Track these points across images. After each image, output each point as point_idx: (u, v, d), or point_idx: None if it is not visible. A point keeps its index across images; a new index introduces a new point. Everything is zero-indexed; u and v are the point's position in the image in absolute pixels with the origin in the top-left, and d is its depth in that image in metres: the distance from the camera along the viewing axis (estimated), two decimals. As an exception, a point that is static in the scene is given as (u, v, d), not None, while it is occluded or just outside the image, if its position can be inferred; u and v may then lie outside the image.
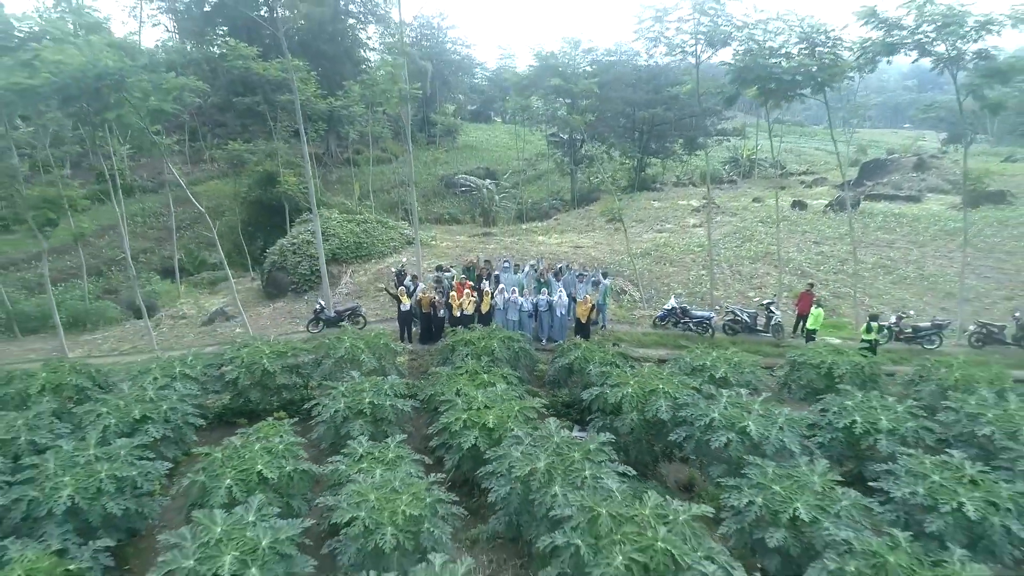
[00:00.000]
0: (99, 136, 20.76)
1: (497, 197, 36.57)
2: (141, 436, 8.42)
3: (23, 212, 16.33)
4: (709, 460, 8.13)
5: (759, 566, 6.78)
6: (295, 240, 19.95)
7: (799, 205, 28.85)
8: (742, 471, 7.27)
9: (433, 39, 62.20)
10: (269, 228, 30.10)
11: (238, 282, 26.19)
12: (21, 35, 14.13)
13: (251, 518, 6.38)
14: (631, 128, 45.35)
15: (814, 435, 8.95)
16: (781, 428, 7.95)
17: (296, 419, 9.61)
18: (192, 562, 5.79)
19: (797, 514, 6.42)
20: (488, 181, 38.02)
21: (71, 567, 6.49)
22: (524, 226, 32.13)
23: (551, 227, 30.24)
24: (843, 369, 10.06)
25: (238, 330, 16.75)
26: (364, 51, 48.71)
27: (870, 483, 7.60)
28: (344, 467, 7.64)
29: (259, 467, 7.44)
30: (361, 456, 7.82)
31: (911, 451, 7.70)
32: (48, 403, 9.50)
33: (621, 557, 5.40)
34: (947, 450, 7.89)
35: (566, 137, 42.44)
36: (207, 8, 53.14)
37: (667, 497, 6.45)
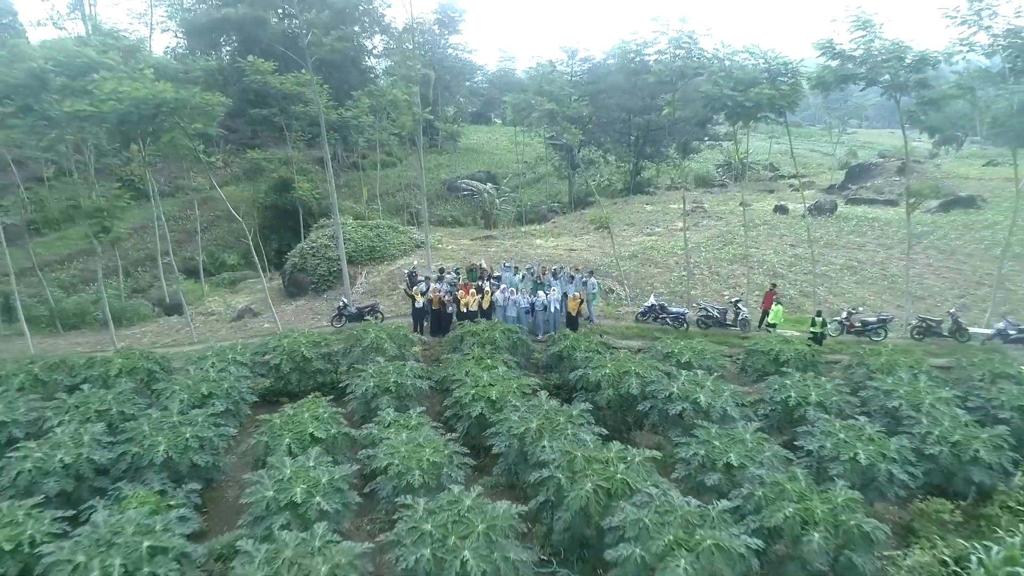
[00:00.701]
0: (135, 150, 22.74)
1: (498, 201, 38.55)
2: (209, 408, 10.41)
3: (79, 219, 18.29)
4: (668, 425, 10.13)
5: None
6: (314, 244, 21.96)
7: (781, 210, 30.82)
8: (692, 432, 9.27)
9: (434, 44, 64.02)
10: (283, 231, 32.04)
11: (257, 282, 28.20)
12: (78, 65, 16.08)
13: (311, 463, 8.39)
14: (626, 133, 47.29)
15: (759, 408, 10.97)
16: (726, 399, 9.96)
17: (331, 397, 11.63)
18: (271, 492, 7.80)
19: (730, 461, 8.42)
20: (489, 185, 39.97)
21: (171, 502, 8.51)
22: (524, 229, 34.13)
23: (548, 230, 32.26)
24: (788, 356, 12.08)
25: (266, 325, 18.76)
26: (369, 58, 50.66)
27: (794, 443, 9.61)
28: (376, 431, 9.64)
29: (310, 429, 9.46)
30: (389, 423, 9.82)
31: (828, 417, 9.72)
32: (126, 383, 11.52)
33: (590, 485, 7.41)
34: (858, 417, 9.91)
35: (563, 142, 44.41)
36: (216, 16, 55.07)
37: (628, 447, 8.45)
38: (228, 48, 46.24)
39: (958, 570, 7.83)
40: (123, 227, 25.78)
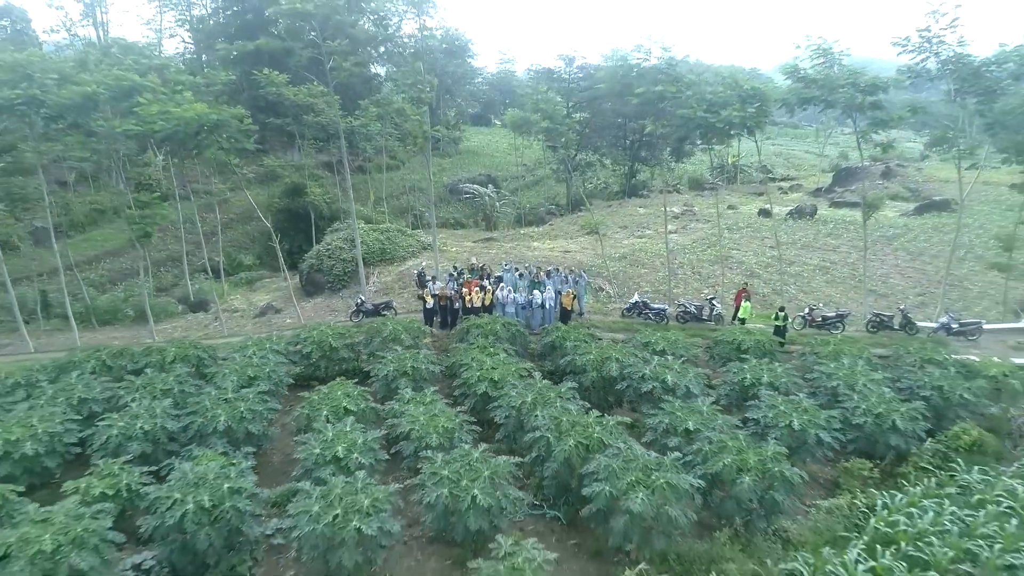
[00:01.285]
0: (151, 156, 24.66)
1: (498, 204, 40.50)
2: (256, 387, 12.39)
3: (127, 226, 20.20)
4: (641, 401, 12.12)
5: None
6: (329, 246, 23.94)
7: (764, 213, 32.77)
8: (660, 406, 11.25)
9: (436, 51, 65.85)
10: (295, 233, 33.97)
11: (273, 281, 30.20)
12: (124, 87, 18.03)
13: (348, 429, 10.37)
14: (622, 137, 49.25)
15: (721, 388, 12.97)
16: (689, 379, 11.96)
17: (355, 380, 13.59)
18: (319, 449, 9.78)
19: (688, 427, 10.41)
20: (490, 188, 41.90)
21: (233, 461, 10.48)
22: (523, 231, 36.11)
23: (546, 232, 34.23)
24: (748, 345, 14.07)
25: (288, 320, 20.75)
26: (375, 66, 52.62)
27: (746, 416, 11.60)
28: (398, 406, 11.62)
29: (344, 403, 11.45)
30: (408, 400, 11.79)
31: (773, 393, 11.70)
32: (181, 367, 13.50)
33: (572, 441, 9.40)
34: (800, 395, 11.89)
35: (561, 147, 46.41)
36: (223, 20, 57.05)
37: (604, 414, 10.45)
38: (238, 56, 47.89)
39: (866, 511, 9.82)
40: (151, 228, 27.83)
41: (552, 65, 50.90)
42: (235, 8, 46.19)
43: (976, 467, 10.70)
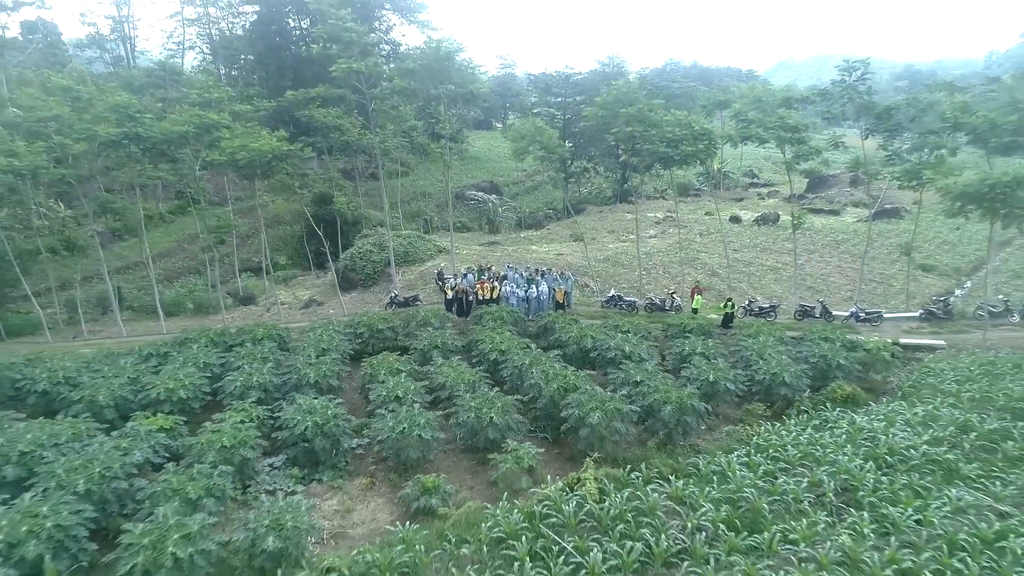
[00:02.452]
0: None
1: (500, 209, 45.36)
2: (330, 355, 17.26)
3: (207, 235, 24.94)
4: (607, 364, 17.00)
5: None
6: (360, 250, 28.85)
7: (735, 219, 37.65)
8: (620, 366, 16.13)
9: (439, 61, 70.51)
10: (322, 237, 38.81)
11: (306, 278, 35.04)
12: (207, 124, 22.86)
13: (403, 380, 15.28)
14: (614, 145, 54.07)
15: (667, 356, 17.88)
16: (643, 349, 16.86)
17: (397, 353, 18.46)
18: (385, 392, 14.68)
19: (636, 380, 15.28)
20: (493, 196, 46.74)
21: (327, 407, 15.33)
22: (523, 235, 40.99)
23: (543, 236, 39.09)
24: (691, 327, 18.97)
25: (331, 311, 25.60)
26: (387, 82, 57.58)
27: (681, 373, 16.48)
28: (434, 368, 16.52)
29: (396, 365, 16.35)
30: (440, 364, 16.68)
31: (701, 359, 16.60)
32: (268, 343, 18.39)
33: (555, 385, 14.32)
34: (718, 360, 16.77)
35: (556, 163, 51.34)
36: (240, 32, 61.80)
37: (578, 370, 15.36)
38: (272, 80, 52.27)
39: (756, 435, 14.68)
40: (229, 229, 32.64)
41: (552, 70, 55.88)
42: (260, 29, 50.76)
43: (837, 410, 15.61)
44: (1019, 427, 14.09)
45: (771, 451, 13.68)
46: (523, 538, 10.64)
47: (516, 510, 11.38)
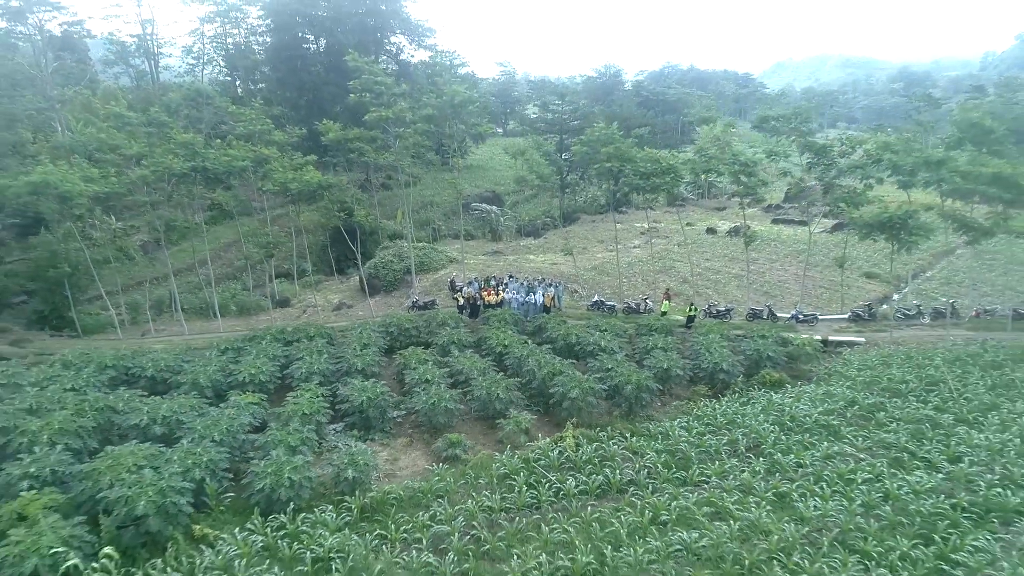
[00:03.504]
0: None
1: (502, 219, 50.26)
2: (370, 349, 22.19)
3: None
4: (587, 356, 21.92)
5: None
6: (383, 260, 33.79)
7: (711, 231, 42.54)
8: (596, 357, 21.07)
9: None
10: (342, 245, 43.64)
11: (331, 283, 39.91)
12: (260, 158, 27.73)
13: (429, 367, 20.24)
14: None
15: (635, 350, 22.81)
16: (614, 344, 21.81)
17: (421, 347, 23.37)
18: (417, 376, 19.63)
19: (608, 367, 20.21)
20: (495, 208, 51.61)
21: (375, 387, 20.25)
22: (522, 243, 45.90)
23: (540, 245, 43.98)
24: (655, 326, 23.89)
25: (360, 313, 30.48)
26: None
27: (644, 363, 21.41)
28: (453, 359, 21.46)
29: (423, 357, 21.32)
30: (457, 356, 21.62)
31: (659, 351, 21.53)
32: (320, 339, 23.32)
33: (547, 370, 19.32)
34: (673, 353, 21.70)
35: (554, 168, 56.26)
36: (256, 46, 66.57)
37: (564, 361, 20.31)
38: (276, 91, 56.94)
39: (696, 409, 19.57)
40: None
41: (553, 75, 60.48)
42: (280, 54, 55.51)
43: (763, 390, 20.54)
44: (892, 402, 19.07)
45: (705, 419, 18.64)
46: (521, 474, 15.62)
47: (516, 456, 16.38)
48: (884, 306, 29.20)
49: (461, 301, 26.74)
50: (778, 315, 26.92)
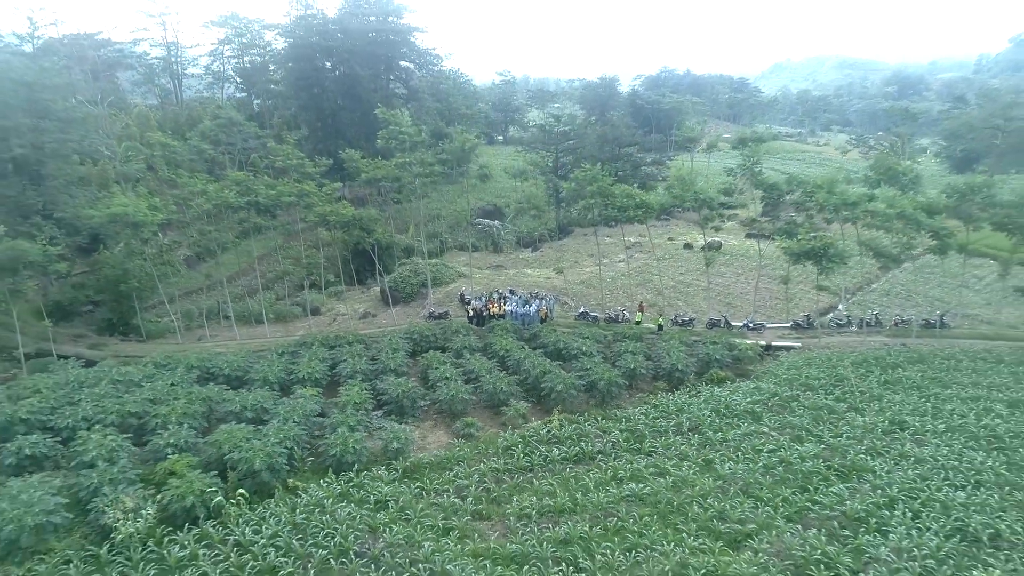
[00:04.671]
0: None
1: (503, 232, 56.02)
2: (400, 352, 28.05)
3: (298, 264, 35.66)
4: (572, 358, 27.74)
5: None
6: (401, 274, 39.62)
7: (687, 247, 48.36)
8: (578, 359, 26.93)
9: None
10: (361, 258, 49.45)
11: (352, 293, 45.69)
12: (300, 192, 33.50)
13: (448, 367, 26.12)
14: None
15: (610, 355, 28.69)
16: (593, 349, 27.69)
17: (439, 351, 29.20)
18: (438, 374, 25.52)
19: (587, 367, 26.08)
20: (496, 222, 57.36)
21: (407, 382, 26.10)
22: (522, 256, 51.70)
23: (538, 258, 49.82)
24: (628, 335, 29.74)
25: (383, 321, 36.28)
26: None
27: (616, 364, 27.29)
28: (466, 361, 27.32)
29: (442, 359, 27.20)
30: (469, 358, 27.49)
31: (630, 354, 27.39)
32: (358, 344, 29.17)
33: (539, 370, 25.24)
34: (639, 355, 27.58)
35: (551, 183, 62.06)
36: (273, 66, 72.08)
37: (553, 363, 26.20)
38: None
39: (654, 400, 25.42)
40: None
41: (552, 76, 66.36)
42: (300, 82, 61.09)
43: (711, 386, 26.35)
44: (805, 394, 24.94)
45: (660, 407, 24.49)
46: (519, 446, 21.51)
47: (515, 434, 22.28)
48: (828, 315, 35.02)
49: (471, 313, 32.59)
50: (733, 324, 32.73)
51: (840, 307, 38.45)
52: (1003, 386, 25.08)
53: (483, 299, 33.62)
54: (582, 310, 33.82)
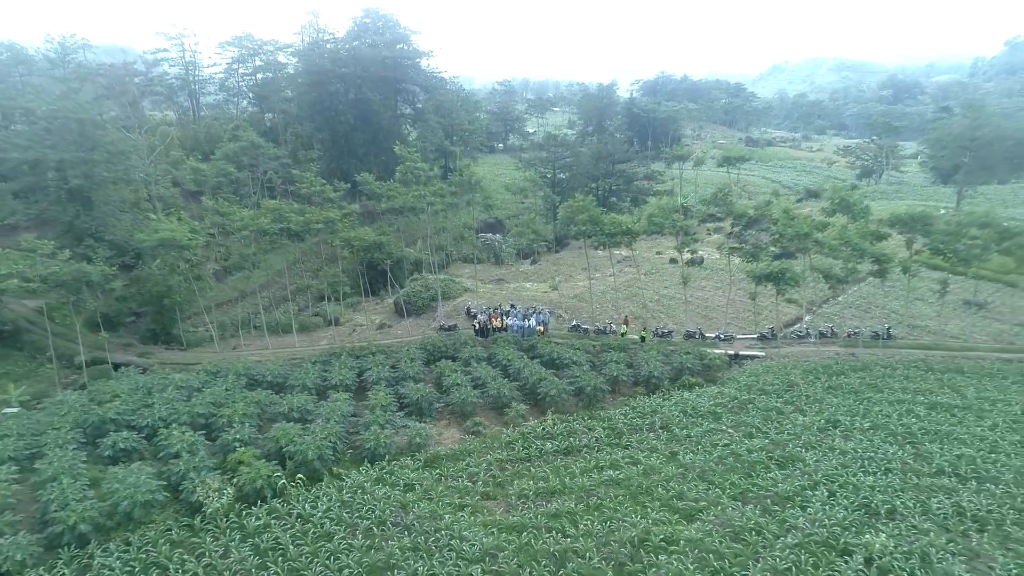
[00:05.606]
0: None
1: (504, 246, 60.82)
2: (416, 362, 32.87)
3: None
4: (564, 366, 32.55)
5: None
6: (413, 289, 44.43)
7: (673, 261, 53.12)
8: (568, 367, 31.78)
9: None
10: (373, 271, 54.24)
11: (367, 304, 50.42)
12: (330, 220, 38.29)
13: (458, 375, 30.97)
14: (594, 189, 69.61)
15: (598, 363, 33.56)
16: (582, 358, 32.55)
17: (449, 360, 34.03)
18: (451, 380, 30.35)
19: (577, 374, 30.91)
20: (498, 236, 62.17)
21: (424, 388, 30.93)
22: (521, 268, 56.50)
23: (536, 271, 54.62)
24: (615, 344, 34.58)
25: (398, 332, 41.05)
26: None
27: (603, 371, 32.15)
28: (473, 369, 32.16)
29: (453, 367, 32.07)
30: (476, 366, 32.33)
31: (613, 361, 32.25)
32: (380, 354, 34.01)
33: (536, 377, 30.11)
34: (621, 364, 32.44)
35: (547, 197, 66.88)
36: (284, 83, 76.72)
37: (547, 370, 31.07)
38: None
39: (633, 403, 30.25)
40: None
41: (552, 79, 71.10)
42: (315, 107, 65.80)
43: (682, 390, 31.17)
44: (760, 398, 29.75)
45: (638, 409, 29.30)
46: (519, 441, 26.37)
47: (516, 431, 27.12)
48: (792, 327, 39.82)
49: (477, 326, 37.39)
50: (707, 335, 37.53)
51: (807, 318, 43.24)
52: (927, 391, 29.91)
53: (487, 313, 38.41)
54: (574, 323, 38.64)
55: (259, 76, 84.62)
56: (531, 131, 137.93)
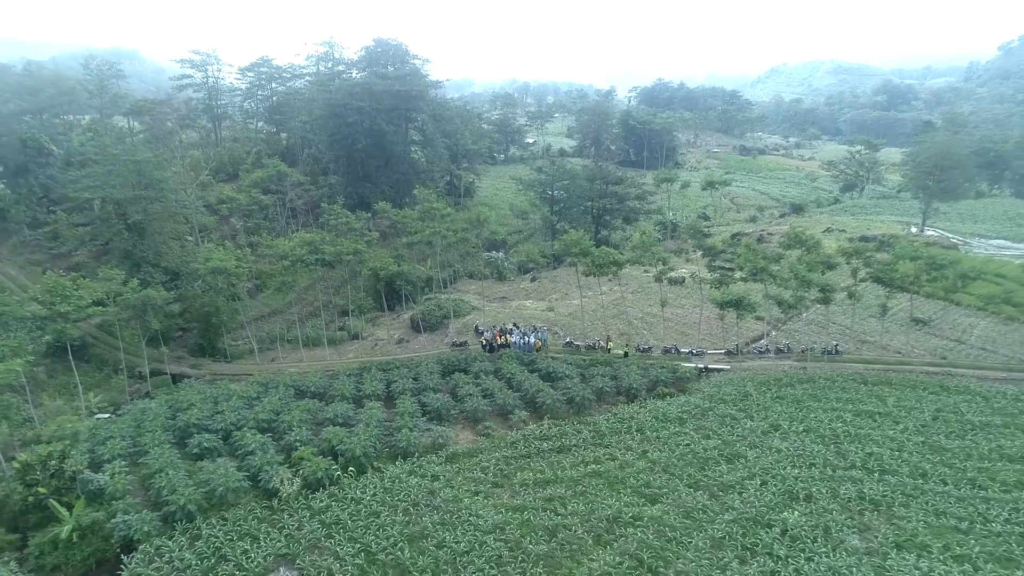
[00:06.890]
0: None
1: (506, 263, 67.45)
2: (434, 375, 39.54)
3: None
4: (558, 378, 39.20)
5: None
6: (427, 308, 51.06)
7: (658, 279, 59.69)
8: (561, 380, 38.47)
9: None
10: (389, 289, 60.92)
11: (384, 319, 57.03)
12: (352, 248, 44.93)
13: (471, 386, 37.67)
14: (589, 208, 76.22)
15: (588, 376, 40.29)
16: (574, 371, 39.26)
17: (462, 372, 40.71)
18: (464, 391, 37.04)
19: (568, 385, 37.57)
20: (500, 254, 68.81)
21: (443, 397, 37.60)
22: (522, 285, 63.16)
23: (535, 288, 61.29)
24: (602, 359, 41.25)
25: (416, 346, 47.66)
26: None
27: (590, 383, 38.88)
28: (483, 381, 38.84)
29: (467, 379, 38.76)
30: (485, 379, 38.99)
31: (600, 375, 38.96)
32: (403, 368, 40.67)
33: (534, 388, 36.81)
34: (604, 376, 39.17)
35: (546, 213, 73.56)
36: (300, 105, 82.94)
37: (544, 382, 37.81)
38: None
39: (615, 410, 36.91)
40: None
41: (550, 79, 77.78)
42: (336, 139, 72.18)
43: (656, 399, 37.83)
44: (718, 406, 36.40)
45: (618, 415, 35.93)
46: (521, 441, 33.09)
47: (518, 433, 33.84)
48: (754, 343, 46.46)
49: (485, 343, 44.03)
50: (682, 350, 44.16)
51: (773, 334, 49.86)
52: (857, 400, 36.59)
53: (492, 332, 45.07)
54: (568, 339, 45.27)
55: (275, 99, 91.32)
56: (530, 140, 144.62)
